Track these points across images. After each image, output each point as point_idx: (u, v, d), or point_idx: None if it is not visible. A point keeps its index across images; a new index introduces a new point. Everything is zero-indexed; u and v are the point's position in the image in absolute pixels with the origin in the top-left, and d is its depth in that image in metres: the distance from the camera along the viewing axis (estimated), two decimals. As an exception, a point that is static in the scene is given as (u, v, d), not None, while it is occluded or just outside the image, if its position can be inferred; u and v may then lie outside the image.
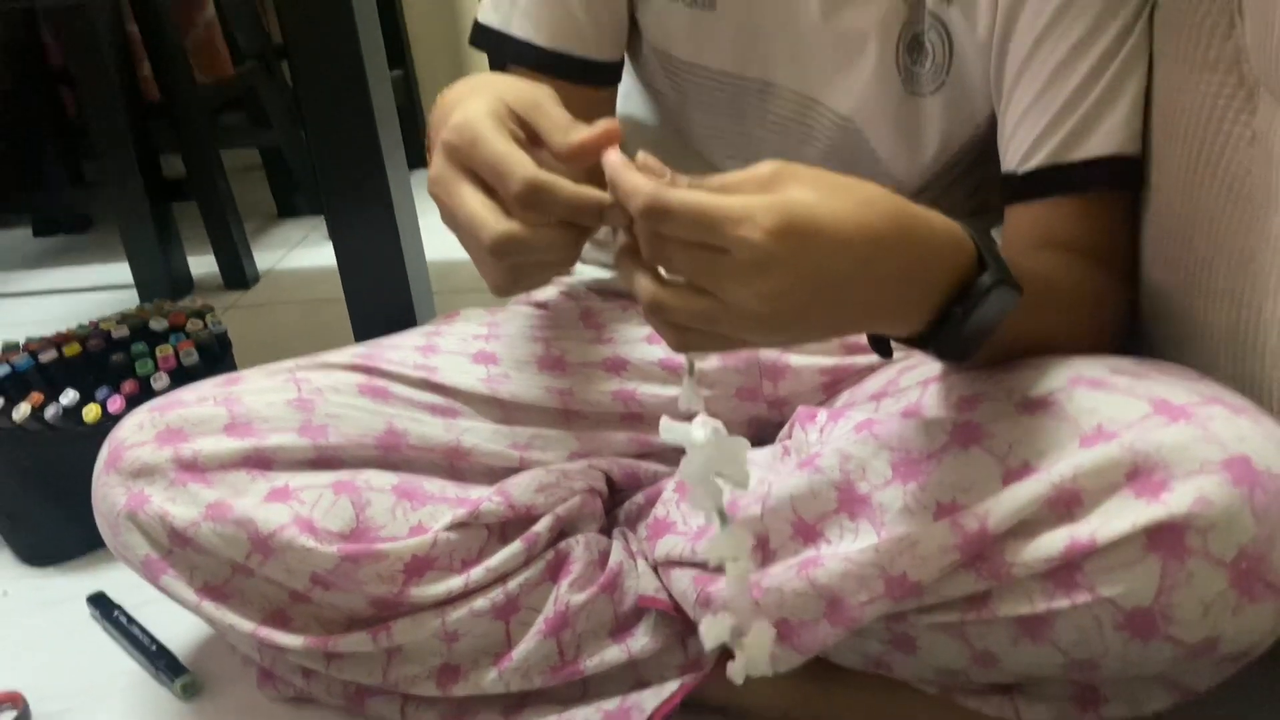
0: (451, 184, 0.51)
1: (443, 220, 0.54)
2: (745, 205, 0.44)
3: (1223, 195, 0.55)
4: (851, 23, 0.70)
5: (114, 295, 1.71)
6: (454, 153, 0.51)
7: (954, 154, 0.75)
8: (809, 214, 0.45)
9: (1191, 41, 0.57)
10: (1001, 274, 0.51)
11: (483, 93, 0.53)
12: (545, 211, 0.48)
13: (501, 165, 0.49)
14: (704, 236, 0.45)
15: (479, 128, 0.50)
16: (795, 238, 0.44)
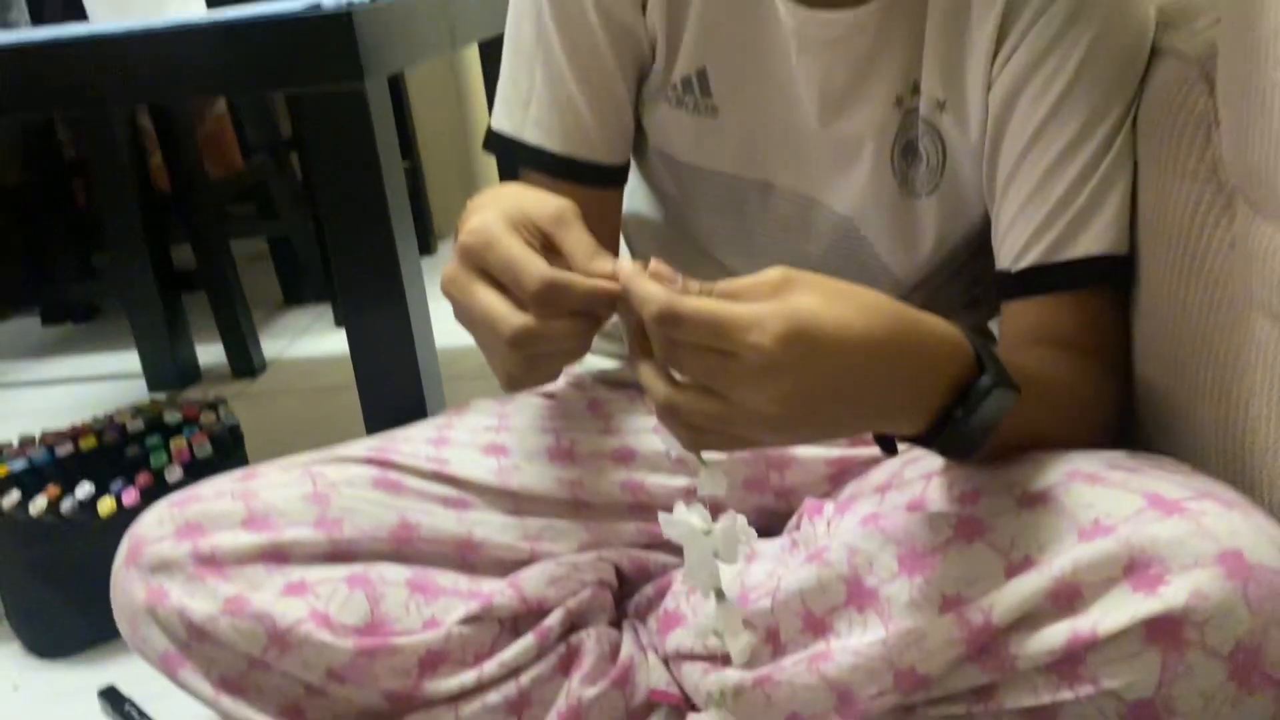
0: (467, 284, 0.55)
1: (456, 317, 0.57)
2: (754, 313, 0.47)
3: (1207, 297, 0.57)
4: (848, 129, 0.74)
5: (121, 384, 1.74)
6: (469, 254, 0.55)
7: (949, 251, 0.77)
8: (814, 321, 0.48)
9: (1172, 149, 0.60)
10: (999, 376, 0.53)
11: (501, 201, 0.57)
12: (561, 306, 0.52)
13: (517, 266, 0.53)
14: (715, 342, 0.47)
15: (493, 231, 0.54)
16: (802, 344, 0.47)
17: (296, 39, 0.81)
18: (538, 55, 0.75)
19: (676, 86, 0.76)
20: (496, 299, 0.54)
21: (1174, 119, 0.60)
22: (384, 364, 1.04)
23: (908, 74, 0.72)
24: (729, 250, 0.83)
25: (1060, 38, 0.66)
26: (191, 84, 0.90)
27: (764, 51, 0.73)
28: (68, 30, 0.88)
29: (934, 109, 0.72)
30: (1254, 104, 0.50)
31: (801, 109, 0.74)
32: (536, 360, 0.54)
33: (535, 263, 0.53)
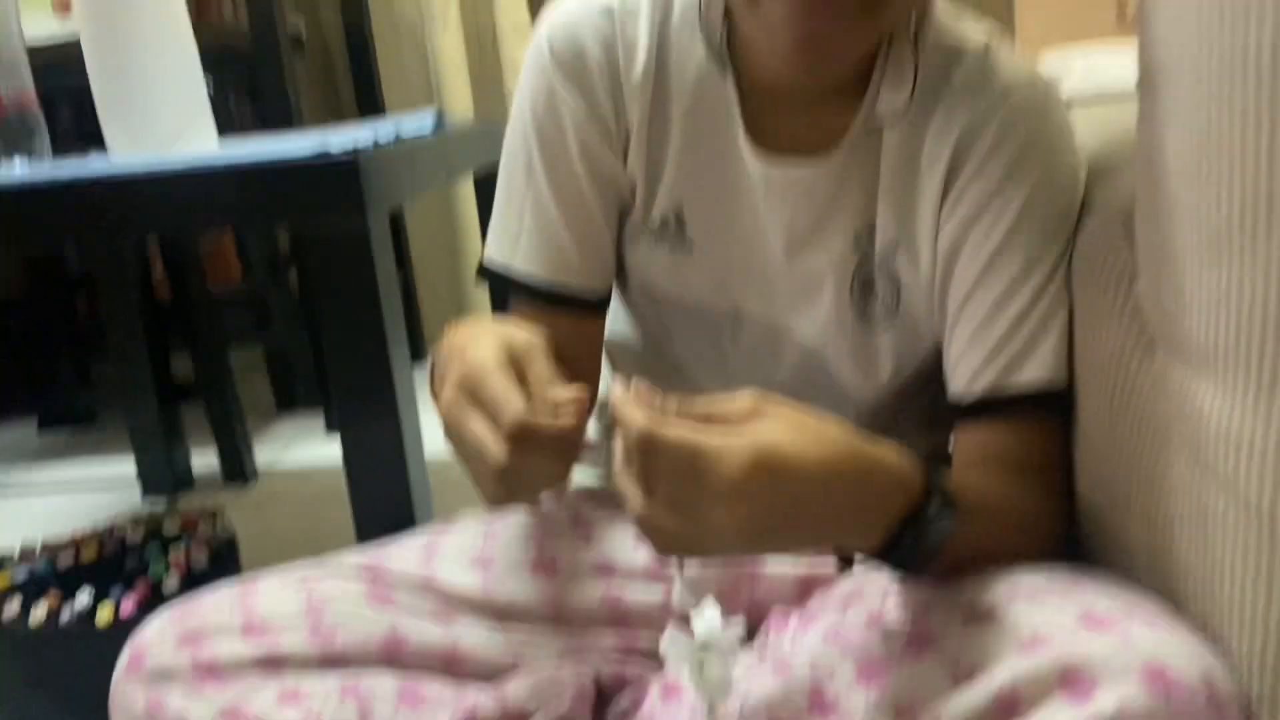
0: (460, 413, 0.63)
1: (447, 437, 0.65)
2: (722, 445, 0.54)
3: (1135, 430, 0.62)
4: (811, 265, 0.80)
5: (116, 491, 1.77)
6: (466, 385, 0.63)
7: (907, 378, 0.83)
8: (777, 452, 0.54)
9: (1100, 291, 0.67)
10: (946, 500, 0.59)
11: (491, 338, 0.65)
12: (532, 444, 0.59)
13: (499, 403, 0.61)
14: (688, 467, 0.54)
15: (487, 368, 0.62)
16: (765, 473, 0.54)
17: (305, 181, 0.87)
18: (528, 196, 0.81)
19: (654, 225, 0.82)
20: (485, 430, 0.61)
21: (1101, 266, 0.67)
22: (376, 473, 1.08)
23: (865, 217, 0.78)
24: (704, 373, 0.89)
25: (1000, 189, 0.73)
26: (204, 220, 0.96)
27: (734, 194, 0.80)
28: (87, 170, 0.94)
29: (889, 249, 0.78)
30: (1163, 260, 0.56)
31: (769, 245, 0.80)
32: (517, 489, 0.61)
33: (514, 403, 0.60)
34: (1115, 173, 0.71)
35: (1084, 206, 0.73)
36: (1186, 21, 0.51)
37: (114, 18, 1.04)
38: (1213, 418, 0.53)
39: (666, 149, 0.80)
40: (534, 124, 0.80)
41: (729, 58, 0.77)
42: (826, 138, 0.76)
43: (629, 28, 0.78)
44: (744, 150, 0.78)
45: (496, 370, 0.62)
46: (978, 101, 0.73)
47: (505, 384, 0.61)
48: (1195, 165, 0.52)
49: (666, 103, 0.79)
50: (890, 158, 0.76)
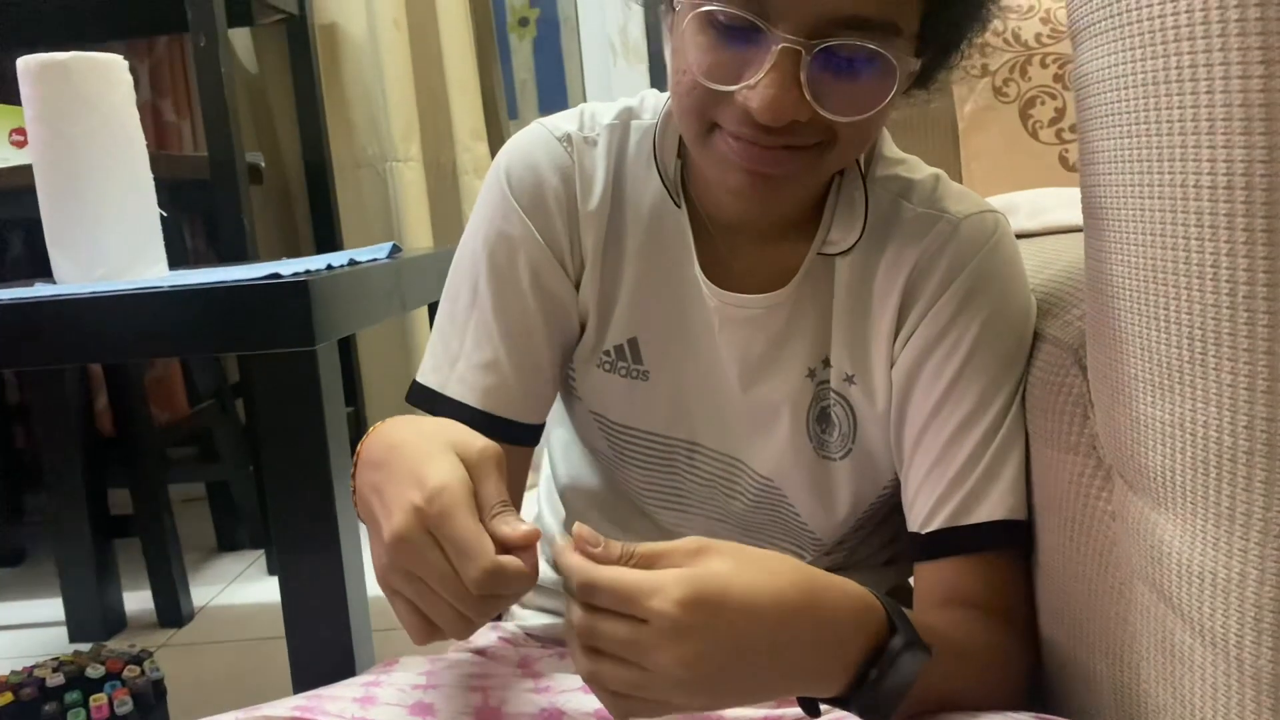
0: (421, 547, 0.56)
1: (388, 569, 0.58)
2: (658, 580, 0.51)
3: (1095, 563, 0.61)
4: (766, 396, 0.79)
5: (43, 633, 1.69)
6: (427, 520, 0.56)
7: (865, 511, 0.82)
8: (719, 585, 0.52)
9: (1055, 426, 0.66)
10: (911, 636, 0.56)
11: (446, 453, 0.59)
12: (494, 590, 0.54)
13: (466, 550, 0.54)
14: (624, 608, 0.51)
15: (454, 504, 0.56)
16: (705, 606, 0.51)
17: (254, 305, 0.86)
18: (471, 317, 0.79)
19: (609, 353, 0.82)
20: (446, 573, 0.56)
21: (1054, 398, 0.67)
22: (315, 612, 1.04)
23: (819, 349, 0.78)
24: (660, 505, 0.87)
25: (952, 324, 0.73)
26: (151, 346, 0.94)
27: (690, 323, 0.79)
28: (30, 292, 0.92)
29: (843, 382, 0.78)
30: (1116, 392, 0.56)
31: (725, 375, 0.80)
32: (485, 611, 0.56)
33: (484, 553, 0.54)
34: (1065, 305, 0.72)
35: (1036, 338, 0.73)
36: (1126, 161, 0.52)
37: (68, 147, 1.04)
38: (1174, 551, 0.52)
39: (621, 278, 0.80)
40: (485, 248, 0.80)
41: (683, 192, 0.78)
42: (779, 272, 0.77)
43: (586, 159, 0.79)
44: (699, 283, 0.78)
45: (464, 507, 0.56)
46: (929, 235, 0.74)
47: (474, 528, 0.55)
48: (1143, 299, 0.52)
49: (622, 233, 0.79)
50: (843, 292, 0.77)
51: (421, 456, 0.59)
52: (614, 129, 0.80)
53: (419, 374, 0.83)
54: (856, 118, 0.64)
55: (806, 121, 0.64)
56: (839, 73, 0.63)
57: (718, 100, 0.65)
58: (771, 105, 0.62)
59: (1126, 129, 0.51)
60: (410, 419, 0.68)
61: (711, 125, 0.67)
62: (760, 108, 0.62)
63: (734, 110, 0.65)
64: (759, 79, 0.62)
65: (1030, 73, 1.37)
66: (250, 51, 2.39)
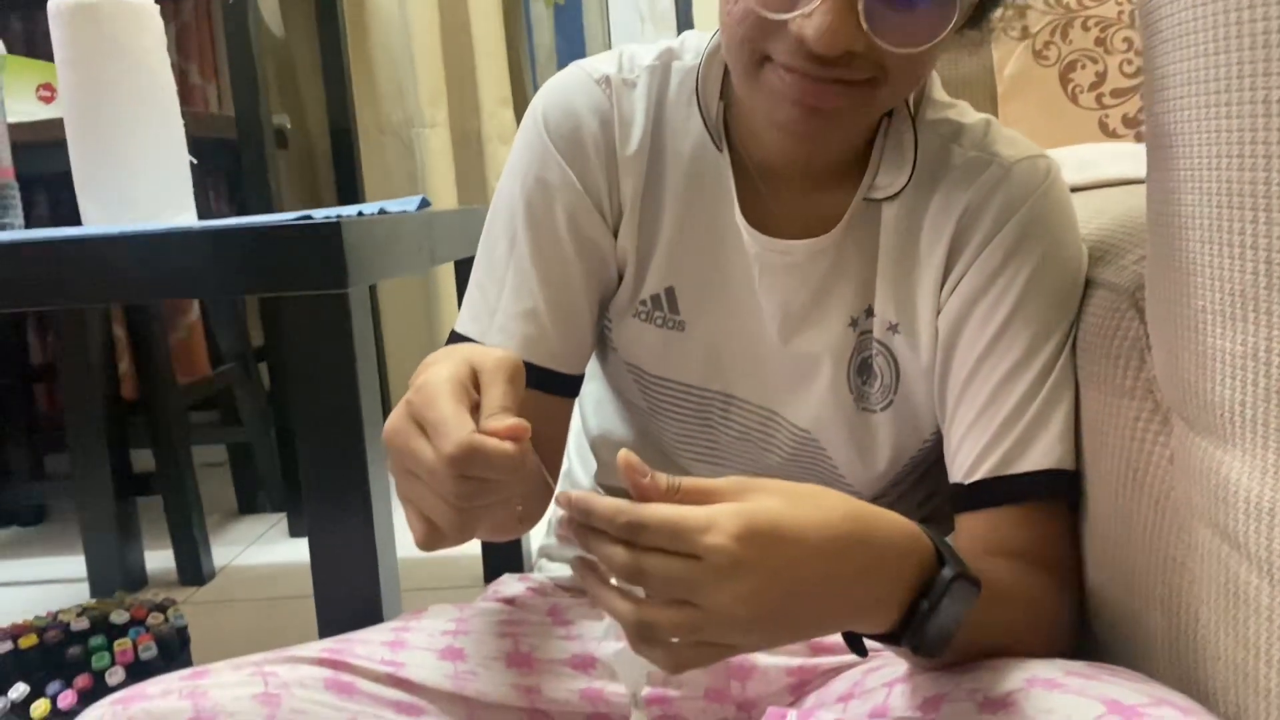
0: (406, 436, 0.56)
1: (391, 468, 0.58)
2: (710, 514, 0.50)
3: (1151, 508, 0.60)
4: (806, 347, 0.78)
5: (66, 589, 1.69)
6: (412, 409, 0.56)
7: (905, 465, 0.80)
8: (771, 518, 0.50)
9: (1110, 370, 0.65)
10: (960, 567, 0.55)
11: (454, 360, 0.59)
12: (471, 469, 0.52)
13: (442, 425, 0.53)
14: (676, 545, 0.49)
15: (436, 390, 0.55)
16: (760, 540, 0.49)
17: (287, 246, 0.85)
18: (509, 266, 0.78)
19: (646, 303, 0.80)
20: (426, 453, 0.54)
21: (1110, 343, 0.65)
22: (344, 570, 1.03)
23: (862, 298, 0.76)
24: (694, 458, 0.85)
25: (1002, 269, 0.71)
26: (182, 286, 0.93)
27: (729, 273, 0.78)
28: (58, 232, 0.91)
29: (886, 331, 0.76)
30: (1181, 329, 0.54)
31: (763, 326, 0.78)
32: (469, 499, 0.54)
33: (459, 426, 0.53)
34: (1118, 252, 0.70)
35: (1088, 284, 0.71)
36: (1201, 82, 0.50)
37: (98, 89, 1.03)
38: (1241, 489, 0.50)
39: (660, 225, 0.78)
40: (523, 195, 0.78)
41: (725, 135, 0.76)
42: (823, 218, 0.75)
43: (625, 102, 0.77)
44: (739, 229, 0.76)
45: (445, 393, 0.55)
46: (979, 179, 0.73)
47: (452, 406, 0.54)
48: (1215, 226, 0.50)
49: (661, 179, 0.78)
50: (889, 238, 0.75)
51: (431, 366, 0.59)
52: (654, 70, 0.78)
53: (457, 323, 0.82)
54: (913, 49, 0.62)
55: (861, 54, 0.62)
56: (896, 2, 0.61)
57: (770, 30, 0.63)
58: (827, 34, 0.60)
59: (1203, 47, 0.49)
60: (458, 345, 0.66)
61: (763, 57, 0.65)
62: (815, 36, 0.60)
63: (787, 41, 0.63)
64: (814, 6, 0.60)
65: (1071, 35, 1.34)
66: (277, 14, 2.38)
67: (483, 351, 0.60)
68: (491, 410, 0.56)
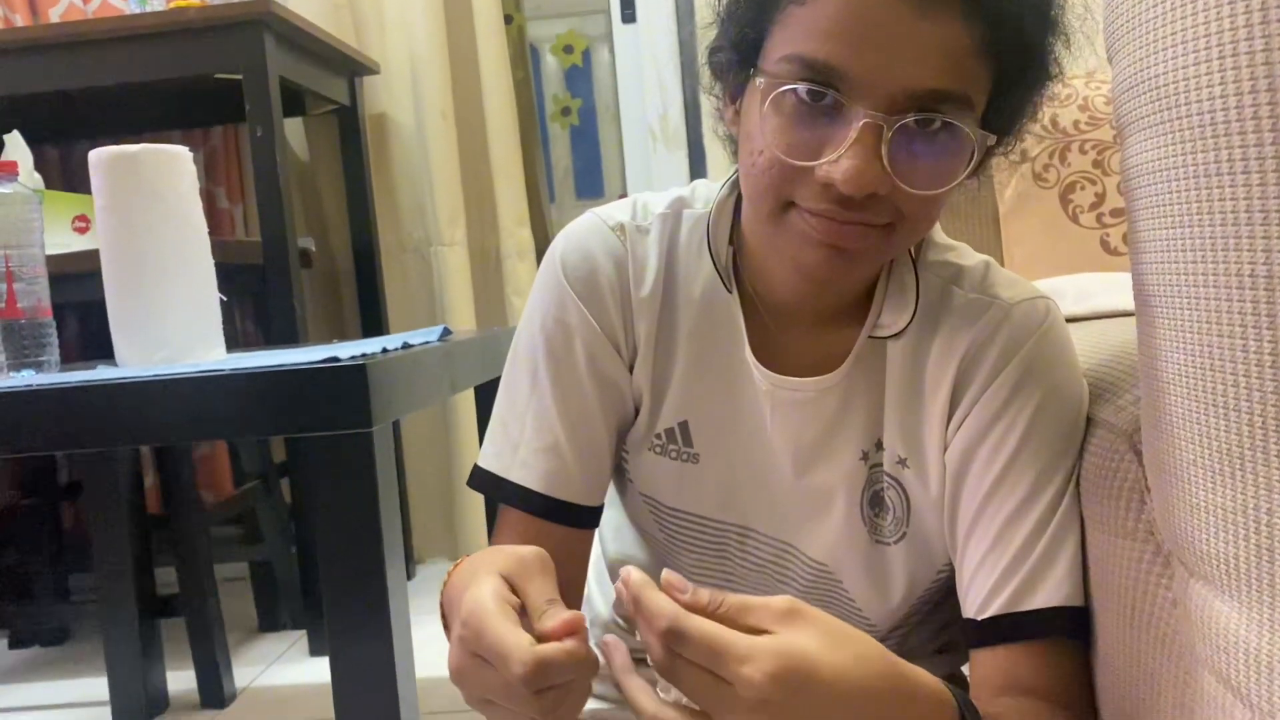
0: (472, 670, 0.57)
1: (469, 702, 0.59)
2: (752, 647, 0.51)
3: (1157, 651, 0.61)
4: (819, 481, 0.80)
5: (88, 713, 1.69)
6: (466, 644, 0.57)
7: (920, 596, 0.81)
8: (809, 664, 0.51)
9: (1111, 511, 0.66)
10: None
11: (485, 573, 0.59)
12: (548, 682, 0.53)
13: (504, 653, 0.53)
14: (712, 665, 0.51)
15: (483, 617, 0.55)
16: (793, 683, 0.50)
17: (313, 388, 0.88)
18: (531, 404, 0.81)
19: (660, 436, 0.83)
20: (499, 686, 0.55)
21: (1110, 484, 0.66)
22: (365, 695, 1.04)
23: (871, 432, 0.79)
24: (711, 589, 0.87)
25: (1005, 409, 0.74)
26: (211, 429, 0.96)
27: (741, 408, 0.80)
28: (95, 375, 0.95)
29: (896, 465, 0.78)
30: (1173, 479, 0.56)
31: (777, 461, 0.80)
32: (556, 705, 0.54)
33: (519, 648, 0.53)
34: (1117, 390, 0.72)
35: (1089, 423, 0.73)
36: (1178, 251, 0.53)
37: (135, 235, 1.08)
38: (1238, 638, 0.52)
39: (673, 363, 0.81)
40: (543, 335, 0.81)
41: (735, 278, 0.80)
42: (831, 356, 0.78)
43: (639, 247, 0.81)
44: (750, 366, 0.79)
45: (493, 614, 0.55)
46: (980, 320, 0.75)
47: (505, 628, 0.54)
48: (1199, 386, 0.53)
49: (674, 319, 0.81)
50: (895, 375, 0.77)
51: (465, 586, 0.60)
52: (666, 218, 0.82)
53: (480, 459, 0.84)
54: (933, 191, 0.66)
55: (882, 197, 0.66)
56: (917, 146, 0.65)
57: (795, 177, 0.67)
58: (856, 177, 0.63)
59: (1178, 219, 0.52)
60: (473, 556, 0.68)
61: (787, 203, 0.69)
62: (844, 180, 0.64)
63: (813, 187, 0.66)
64: (841, 153, 0.64)
65: (1069, 158, 1.39)
66: (302, 139, 2.47)
67: (506, 554, 0.61)
68: (538, 608, 0.57)
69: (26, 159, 1.55)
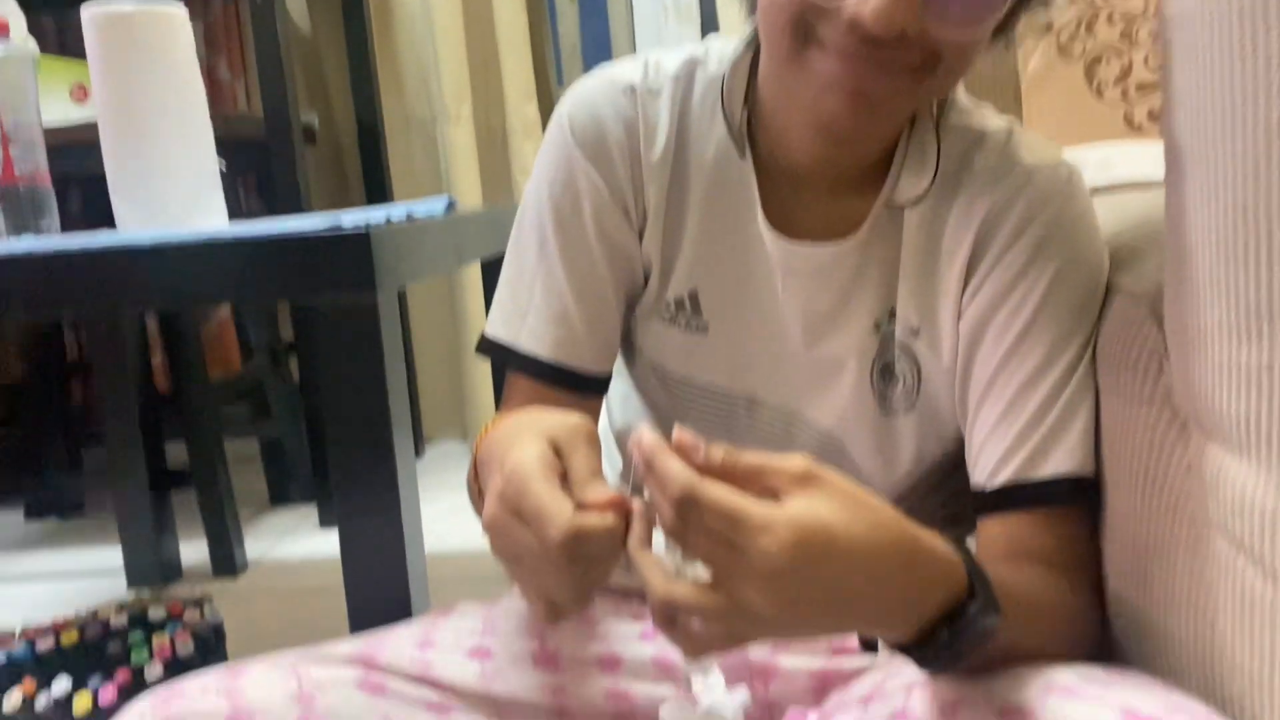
0: (506, 525, 0.56)
1: (495, 554, 0.58)
2: (768, 517, 0.49)
3: (1169, 516, 0.60)
4: (829, 351, 0.78)
5: (102, 581, 1.72)
6: (505, 500, 0.56)
7: (927, 468, 0.81)
8: (827, 533, 0.50)
9: (1128, 378, 0.65)
10: (988, 602, 0.55)
11: (531, 434, 0.59)
12: (582, 551, 0.53)
13: (543, 517, 0.53)
14: (728, 533, 0.49)
15: (527, 477, 0.55)
16: (810, 554, 0.49)
17: (316, 255, 0.86)
18: (539, 273, 0.80)
19: (670, 305, 0.81)
20: (533, 546, 0.54)
21: (1128, 351, 0.65)
22: (373, 564, 1.04)
23: (885, 302, 0.77)
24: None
25: (1023, 274, 0.72)
26: (211, 292, 0.95)
27: (752, 277, 0.79)
28: (96, 240, 0.93)
29: (909, 335, 0.77)
30: (1195, 340, 0.55)
31: (786, 330, 0.79)
32: (585, 575, 0.54)
33: (559, 515, 0.53)
34: (1138, 257, 0.70)
35: (1108, 291, 0.72)
36: (1215, 101, 0.51)
37: (132, 97, 1.05)
38: (1254, 500, 0.51)
39: (684, 230, 0.79)
40: (550, 200, 0.79)
41: (749, 142, 0.77)
42: (846, 223, 0.76)
43: (650, 108, 0.78)
44: (762, 233, 0.77)
45: (538, 477, 0.55)
46: (1001, 185, 0.73)
47: (549, 491, 0.54)
48: (1229, 243, 0.51)
49: (685, 184, 0.79)
50: (911, 241, 0.75)
51: (509, 444, 0.59)
52: (678, 79, 0.79)
53: (488, 326, 0.83)
54: (966, 31, 0.63)
55: (913, 37, 0.62)
56: None
57: (819, 14, 0.64)
58: (886, 14, 0.60)
59: (1215, 68, 0.50)
60: (514, 415, 0.67)
61: (806, 42, 0.65)
62: (874, 16, 0.60)
63: (837, 23, 0.63)
64: None
65: (1096, 29, 1.34)
66: (304, 11, 2.40)
67: (554, 420, 0.61)
68: (581, 478, 0.56)
69: (20, 22, 1.51)
